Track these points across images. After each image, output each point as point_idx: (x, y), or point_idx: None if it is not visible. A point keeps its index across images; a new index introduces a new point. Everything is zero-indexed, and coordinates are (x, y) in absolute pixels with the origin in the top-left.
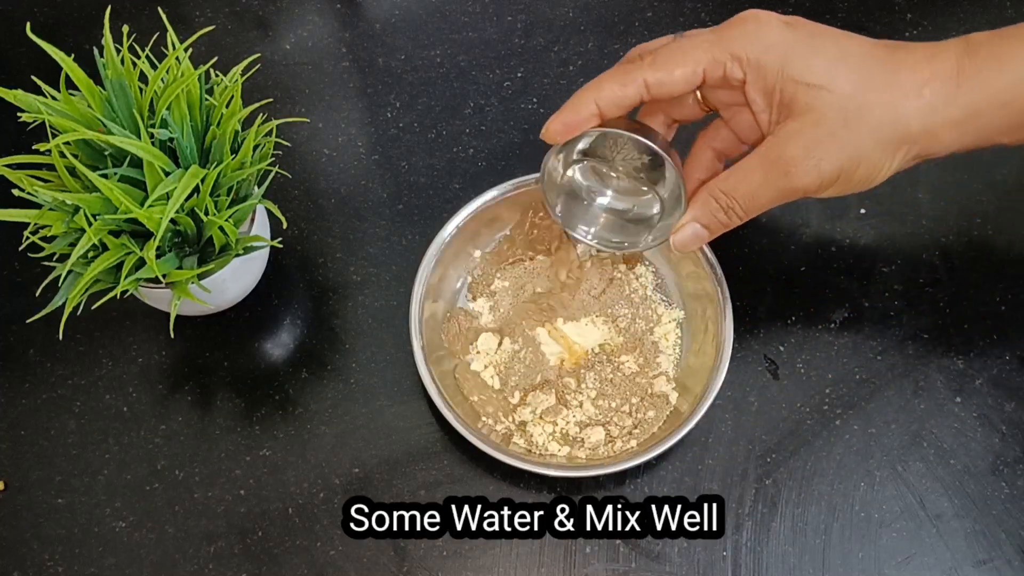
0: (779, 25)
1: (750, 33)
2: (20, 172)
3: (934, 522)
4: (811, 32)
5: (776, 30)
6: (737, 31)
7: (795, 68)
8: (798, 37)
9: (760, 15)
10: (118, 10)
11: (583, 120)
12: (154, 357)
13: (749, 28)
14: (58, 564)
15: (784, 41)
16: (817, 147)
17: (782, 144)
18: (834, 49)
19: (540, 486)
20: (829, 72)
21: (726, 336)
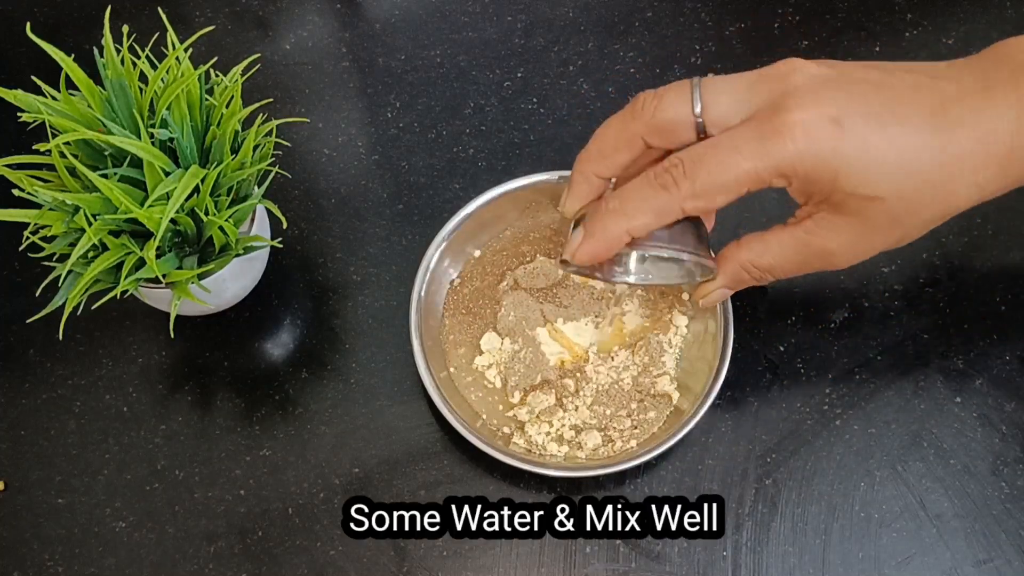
0: (829, 131)
1: (798, 143)
2: (20, 172)
3: (934, 522)
4: (867, 130)
5: (827, 134)
6: (781, 139)
7: (849, 182)
8: (852, 143)
9: (805, 120)
10: (118, 10)
11: (613, 249)
12: (154, 357)
13: (797, 136)
14: (58, 564)
15: (837, 152)
16: (862, 242)
17: (824, 235)
18: (891, 154)
19: (540, 486)
20: (884, 183)
21: (726, 336)
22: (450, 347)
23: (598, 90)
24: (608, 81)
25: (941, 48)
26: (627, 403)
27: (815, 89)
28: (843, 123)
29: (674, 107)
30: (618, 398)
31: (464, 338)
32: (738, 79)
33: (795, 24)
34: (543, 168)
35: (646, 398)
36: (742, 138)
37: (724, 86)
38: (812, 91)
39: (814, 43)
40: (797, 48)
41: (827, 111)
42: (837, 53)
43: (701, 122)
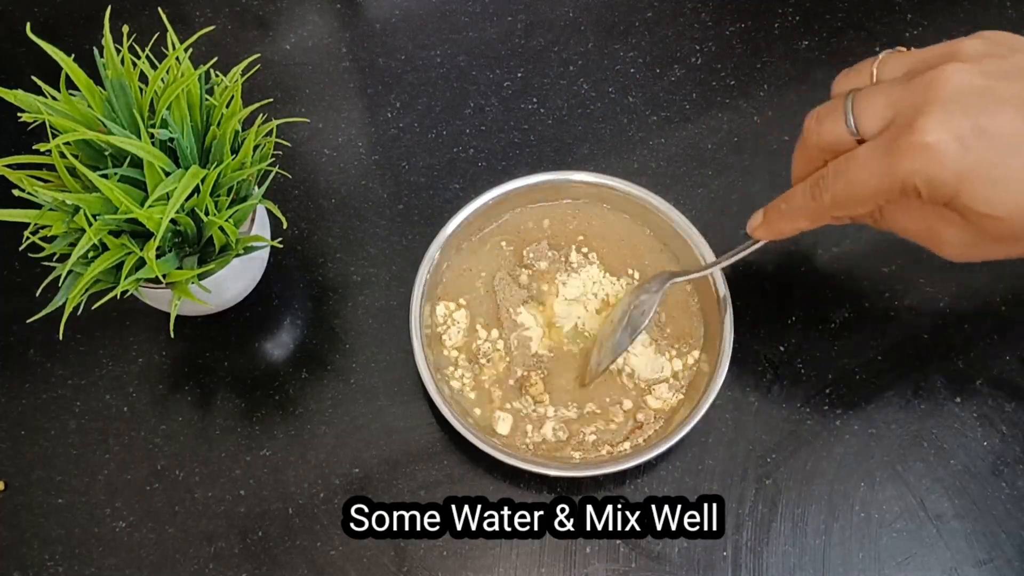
0: (954, 150)
1: (917, 163)
2: (20, 172)
3: (934, 522)
4: (997, 153)
5: (951, 159)
6: (908, 163)
7: (969, 198)
8: (975, 164)
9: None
10: (118, 10)
11: (780, 237)
12: (154, 357)
13: (918, 157)
14: (58, 564)
15: (958, 173)
16: (973, 248)
17: (942, 223)
18: (1017, 181)
19: (540, 486)
20: (1006, 203)
21: (726, 336)
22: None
23: (598, 90)
24: (608, 81)
25: None
26: (621, 399)
27: (952, 105)
28: (969, 144)
29: (832, 132)
30: (612, 392)
31: None
32: (889, 90)
33: (795, 24)
34: (543, 168)
35: (643, 398)
36: (872, 155)
37: (874, 99)
38: (948, 108)
39: (814, 43)
40: (797, 48)
41: (955, 131)
42: (837, 53)
43: (858, 137)
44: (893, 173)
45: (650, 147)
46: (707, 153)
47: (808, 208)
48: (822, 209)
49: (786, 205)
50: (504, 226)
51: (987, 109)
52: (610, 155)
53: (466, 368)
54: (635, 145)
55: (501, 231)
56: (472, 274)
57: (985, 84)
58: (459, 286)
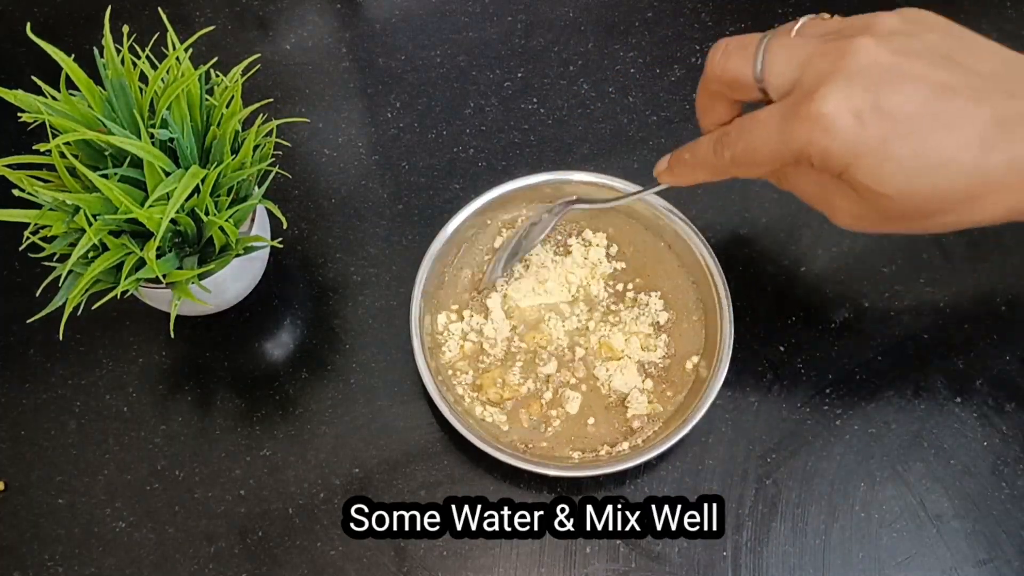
0: (849, 124)
1: (814, 133)
2: (20, 172)
3: (934, 522)
4: (891, 131)
5: (846, 132)
6: (804, 134)
7: (860, 173)
8: (869, 143)
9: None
10: (118, 10)
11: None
12: (154, 357)
13: (814, 127)
14: (58, 564)
15: (854, 144)
16: (865, 218)
17: (836, 191)
18: (911, 160)
19: (540, 486)
20: (896, 183)
21: (726, 336)
22: None
23: (598, 90)
24: (608, 81)
25: None
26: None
27: (855, 78)
28: (865, 120)
29: (736, 68)
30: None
31: None
32: (804, 46)
33: None
34: (543, 168)
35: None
36: (772, 120)
37: (785, 51)
38: (850, 80)
39: None
40: None
41: (853, 105)
42: None
43: (761, 84)
44: (789, 140)
45: (650, 147)
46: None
47: (710, 162)
48: (723, 165)
49: (690, 155)
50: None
51: (888, 86)
52: (610, 155)
53: (466, 368)
54: (635, 145)
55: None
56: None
57: (892, 61)
58: (456, 287)
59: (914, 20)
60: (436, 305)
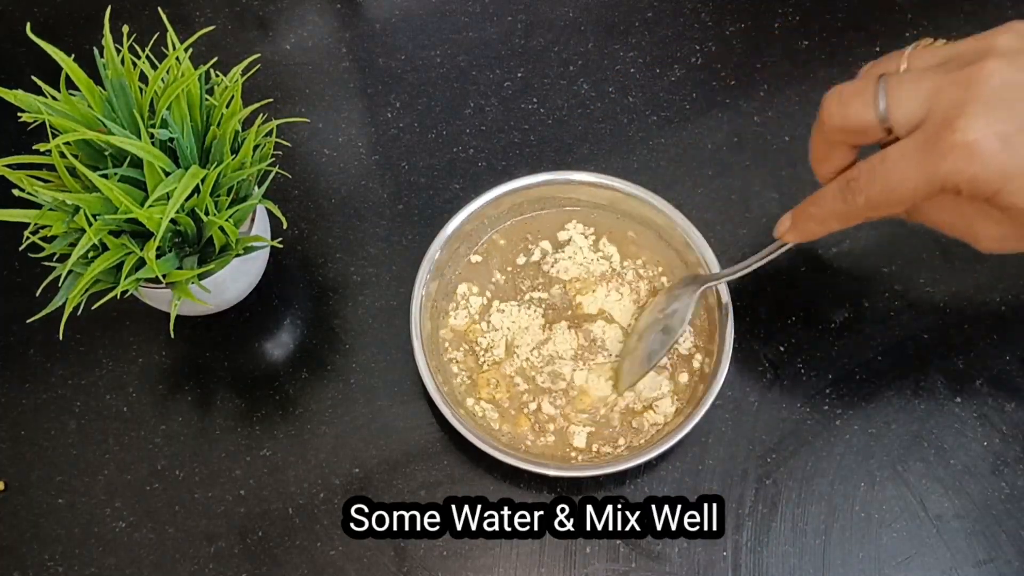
0: (995, 148)
1: (959, 163)
2: (20, 172)
3: (934, 522)
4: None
5: (993, 158)
6: (944, 160)
7: (1014, 196)
8: (1019, 157)
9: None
10: (118, 10)
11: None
12: (154, 357)
13: (959, 157)
14: (58, 564)
15: (999, 171)
16: (1010, 240)
17: (980, 217)
18: None
19: (540, 486)
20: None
21: (726, 336)
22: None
23: (598, 90)
24: (608, 81)
25: None
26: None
27: (993, 102)
28: (1013, 141)
29: (858, 115)
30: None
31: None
32: (925, 78)
33: (795, 24)
34: (543, 168)
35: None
36: (910, 154)
37: (909, 87)
38: (989, 105)
39: (814, 43)
40: (797, 48)
41: (996, 128)
42: (837, 53)
43: (887, 125)
44: (934, 173)
45: (650, 147)
46: (707, 153)
47: (840, 211)
48: (855, 211)
49: (815, 208)
50: (505, 226)
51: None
52: (610, 155)
53: (466, 367)
54: (635, 145)
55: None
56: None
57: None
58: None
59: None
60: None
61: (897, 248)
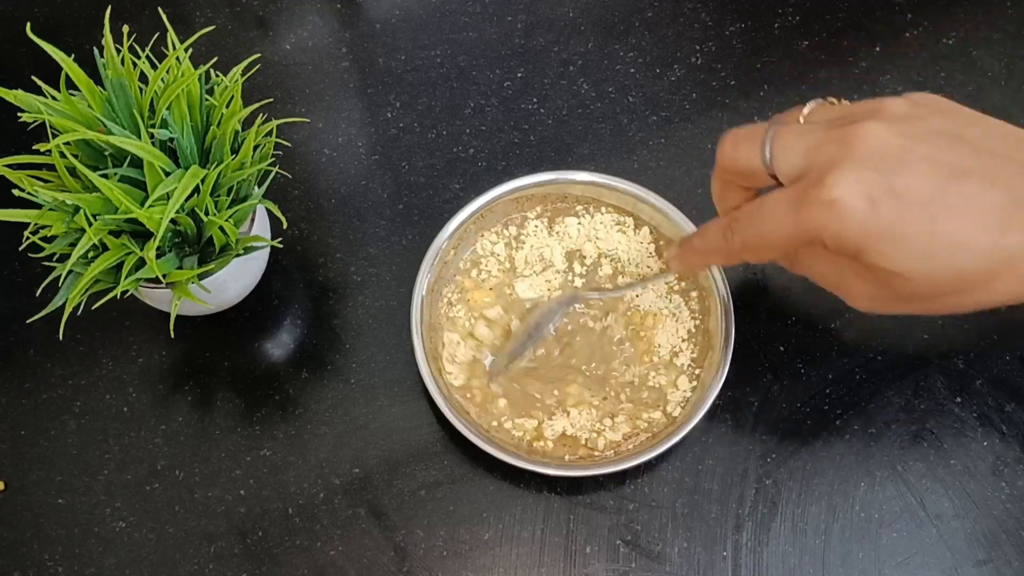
0: (862, 209)
1: (828, 222)
2: (20, 172)
3: (934, 522)
4: (904, 213)
5: (858, 218)
6: (816, 219)
7: (875, 256)
8: (882, 225)
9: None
10: (118, 10)
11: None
12: (154, 357)
13: (826, 216)
14: (58, 564)
15: (865, 232)
16: (879, 300)
17: (851, 273)
18: (926, 243)
19: (540, 486)
20: (911, 264)
21: (726, 336)
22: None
23: (598, 90)
24: (608, 81)
25: (941, 48)
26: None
27: (865, 162)
28: (878, 202)
29: (746, 159)
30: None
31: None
32: (810, 133)
33: (795, 24)
34: (543, 168)
35: (642, 393)
36: (782, 205)
37: (793, 139)
38: (860, 165)
39: (814, 43)
40: (797, 48)
41: (865, 189)
42: (837, 53)
43: (771, 171)
44: (800, 225)
45: (650, 147)
46: (707, 153)
47: (721, 248)
48: (733, 251)
49: (699, 241)
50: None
51: (899, 169)
52: (610, 155)
53: (466, 367)
54: (635, 145)
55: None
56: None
57: (901, 143)
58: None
59: (922, 104)
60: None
61: None
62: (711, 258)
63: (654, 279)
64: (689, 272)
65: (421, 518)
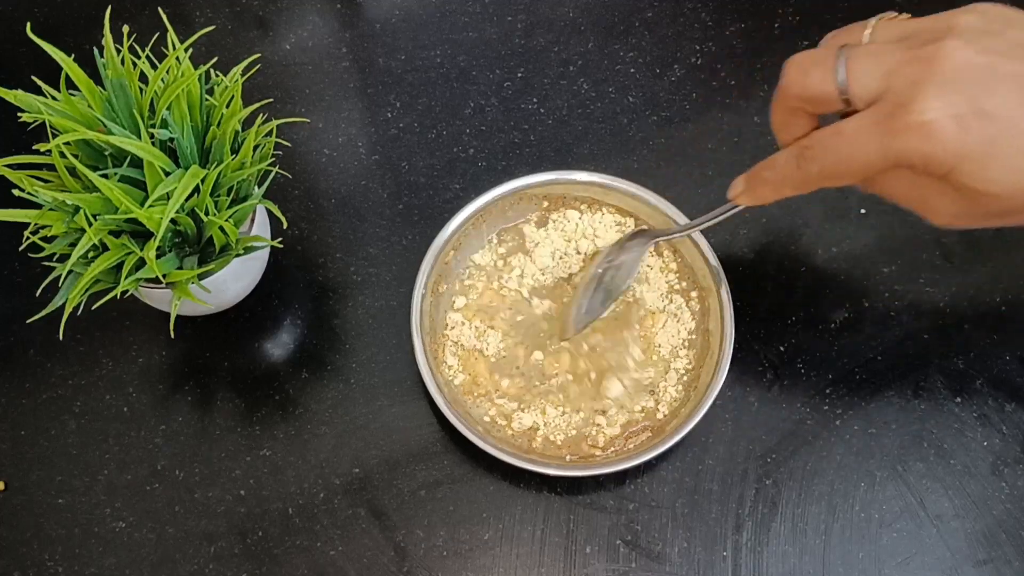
0: (951, 129)
1: (912, 142)
2: (20, 172)
3: (934, 522)
4: (995, 132)
5: (948, 137)
6: (903, 140)
7: (964, 175)
8: (972, 143)
9: (927, 116)
10: (118, 10)
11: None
12: (154, 357)
13: (913, 135)
14: (58, 564)
15: (954, 151)
16: (965, 217)
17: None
18: (1016, 160)
19: (540, 486)
20: (1002, 181)
21: (726, 336)
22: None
23: (598, 90)
24: (608, 81)
25: None
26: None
27: (951, 84)
28: (967, 124)
29: (818, 85)
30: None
31: None
32: (885, 53)
33: (795, 24)
34: (543, 168)
35: (642, 392)
36: (865, 129)
37: (870, 61)
38: (947, 86)
39: (814, 43)
40: (797, 48)
41: (953, 109)
42: None
43: (845, 96)
44: (888, 149)
45: (650, 147)
46: (707, 153)
47: (794, 177)
48: (809, 179)
49: (769, 172)
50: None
51: (986, 88)
52: (610, 155)
53: (465, 367)
54: (635, 145)
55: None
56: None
57: (984, 62)
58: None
59: (995, 17)
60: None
61: (897, 248)
62: (784, 188)
63: (725, 213)
64: (760, 203)
65: (421, 518)
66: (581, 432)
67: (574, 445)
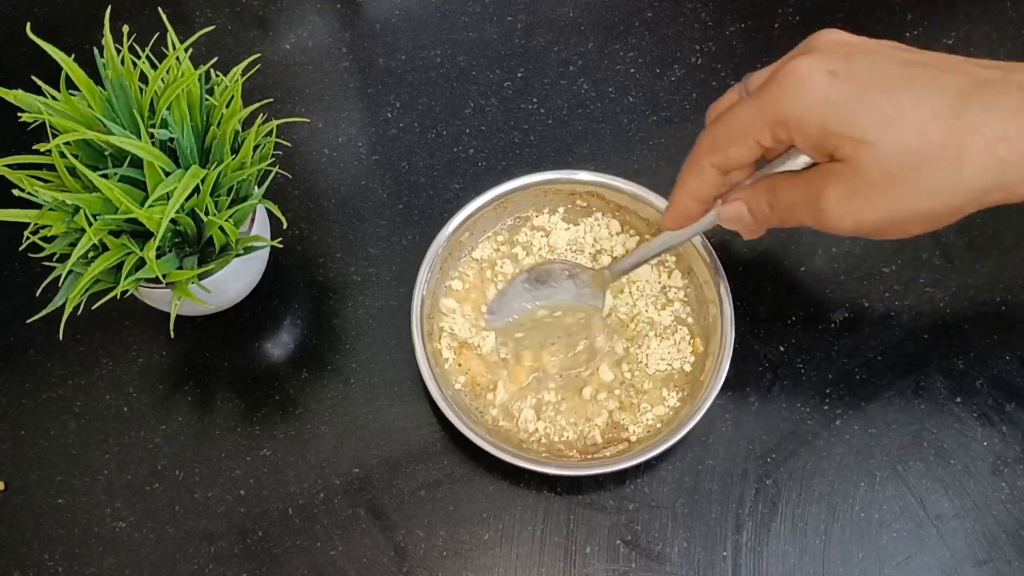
0: (823, 80)
1: (790, 94)
2: (20, 172)
3: (934, 522)
4: (864, 86)
5: (820, 87)
6: (777, 93)
7: (837, 124)
8: (844, 93)
9: (801, 70)
10: (118, 10)
11: (688, 217)
12: (154, 357)
13: (788, 87)
14: (58, 564)
15: (827, 99)
16: (854, 197)
17: (822, 180)
18: (888, 107)
19: (540, 486)
20: (877, 130)
21: (726, 336)
22: None
23: (598, 90)
24: (608, 81)
25: (941, 48)
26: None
27: (827, 49)
28: (840, 75)
29: (725, 99)
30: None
31: None
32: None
33: (795, 24)
34: (543, 168)
35: (642, 392)
36: (747, 101)
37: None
38: (822, 50)
39: None
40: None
41: (827, 66)
42: None
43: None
44: (764, 104)
45: (650, 147)
46: None
47: (690, 165)
48: (700, 159)
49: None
50: (506, 226)
51: (859, 56)
52: (610, 155)
53: (465, 366)
54: (635, 145)
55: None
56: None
57: (858, 40)
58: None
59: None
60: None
61: (897, 248)
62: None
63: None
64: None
65: (421, 518)
66: (581, 432)
67: (574, 445)
